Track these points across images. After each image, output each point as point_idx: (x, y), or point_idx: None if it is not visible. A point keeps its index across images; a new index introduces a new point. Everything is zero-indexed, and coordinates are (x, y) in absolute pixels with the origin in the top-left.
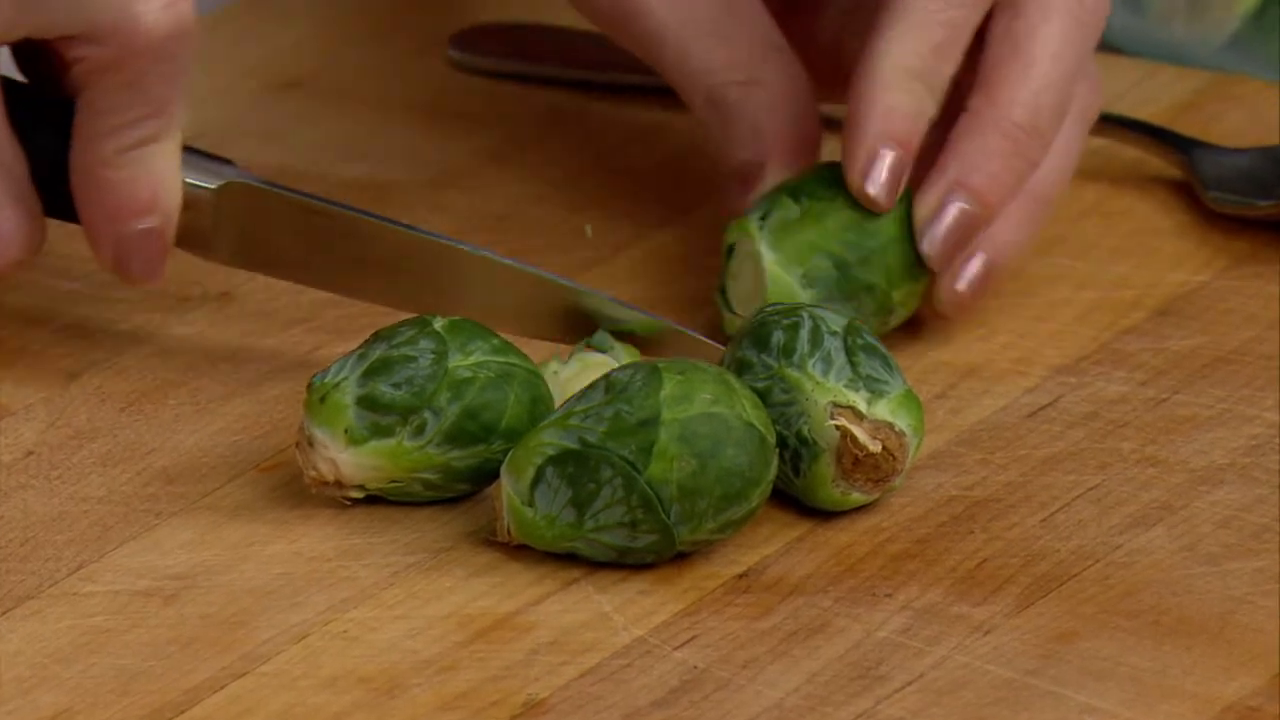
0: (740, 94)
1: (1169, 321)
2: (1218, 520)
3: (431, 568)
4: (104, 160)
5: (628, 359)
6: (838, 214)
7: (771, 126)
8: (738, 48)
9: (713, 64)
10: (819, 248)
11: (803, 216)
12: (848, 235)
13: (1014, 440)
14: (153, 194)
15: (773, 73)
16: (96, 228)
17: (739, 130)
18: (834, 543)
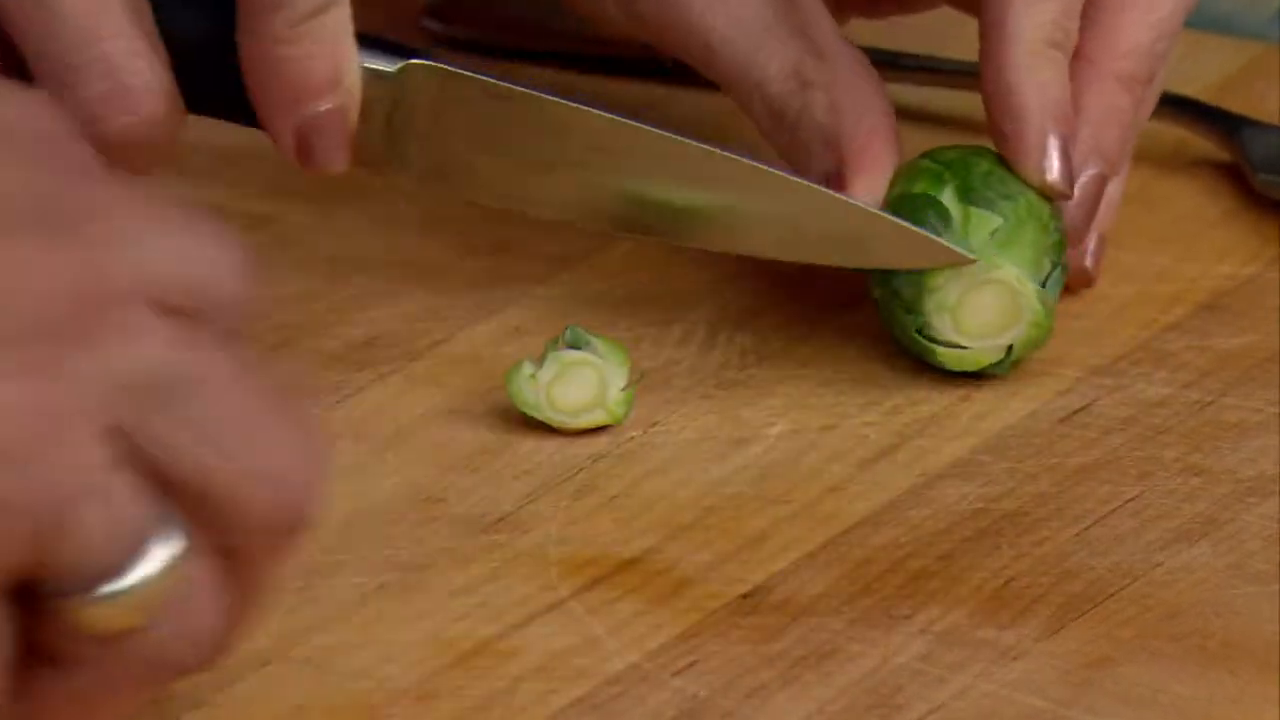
0: (801, 102)
1: (1215, 318)
2: (1268, 536)
3: (406, 587)
4: (275, 36)
5: (609, 355)
6: (1034, 208)
7: (841, 130)
8: (791, 50)
9: (767, 72)
10: (1042, 248)
11: (1015, 222)
12: (1054, 223)
13: (1045, 448)
14: (332, 69)
15: (831, 71)
16: (275, 114)
17: (808, 141)
18: (848, 559)
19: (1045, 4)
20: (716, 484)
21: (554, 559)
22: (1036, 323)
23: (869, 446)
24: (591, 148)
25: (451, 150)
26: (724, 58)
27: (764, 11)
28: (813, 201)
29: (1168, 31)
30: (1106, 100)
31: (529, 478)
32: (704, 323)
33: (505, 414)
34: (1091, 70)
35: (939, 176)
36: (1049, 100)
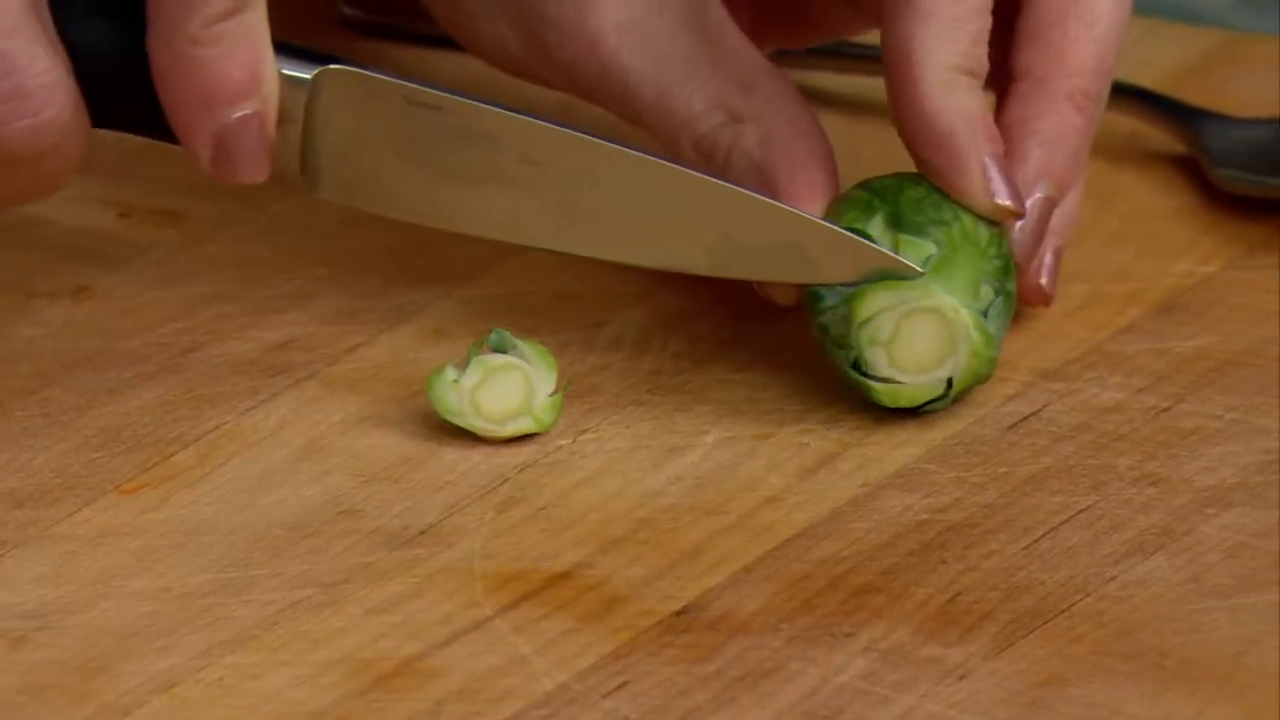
0: (730, 137)
1: (1171, 319)
2: (1227, 547)
3: (322, 604)
4: (188, 37)
5: (536, 359)
6: (975, 230)
7: (774, 162)
8: (716, 84)
9: (692, 109)
10: (981, 273)
11: (950, 248)
12: (994, 249)
13: (993, 456)
14: (249, 72)
15: (760, 102)
16: (189, 122)
17: (740, 176)
18: (787, 573)
19: (953, 32)
20: (649, 495)
21: (478, 574)
22: (975, 352)
23: (808, 455)
24: (525, 159)
25: (371, 163)
26: (645, 97)
27: (683, 45)
28: (753, 210)
29: (1111, 45)
30: (1058, 120)
31: (452, 488)
32: (634, 325)
33: (427, 421)
34: (1042, 90)
35: (868, 205)
36: (976, 123)
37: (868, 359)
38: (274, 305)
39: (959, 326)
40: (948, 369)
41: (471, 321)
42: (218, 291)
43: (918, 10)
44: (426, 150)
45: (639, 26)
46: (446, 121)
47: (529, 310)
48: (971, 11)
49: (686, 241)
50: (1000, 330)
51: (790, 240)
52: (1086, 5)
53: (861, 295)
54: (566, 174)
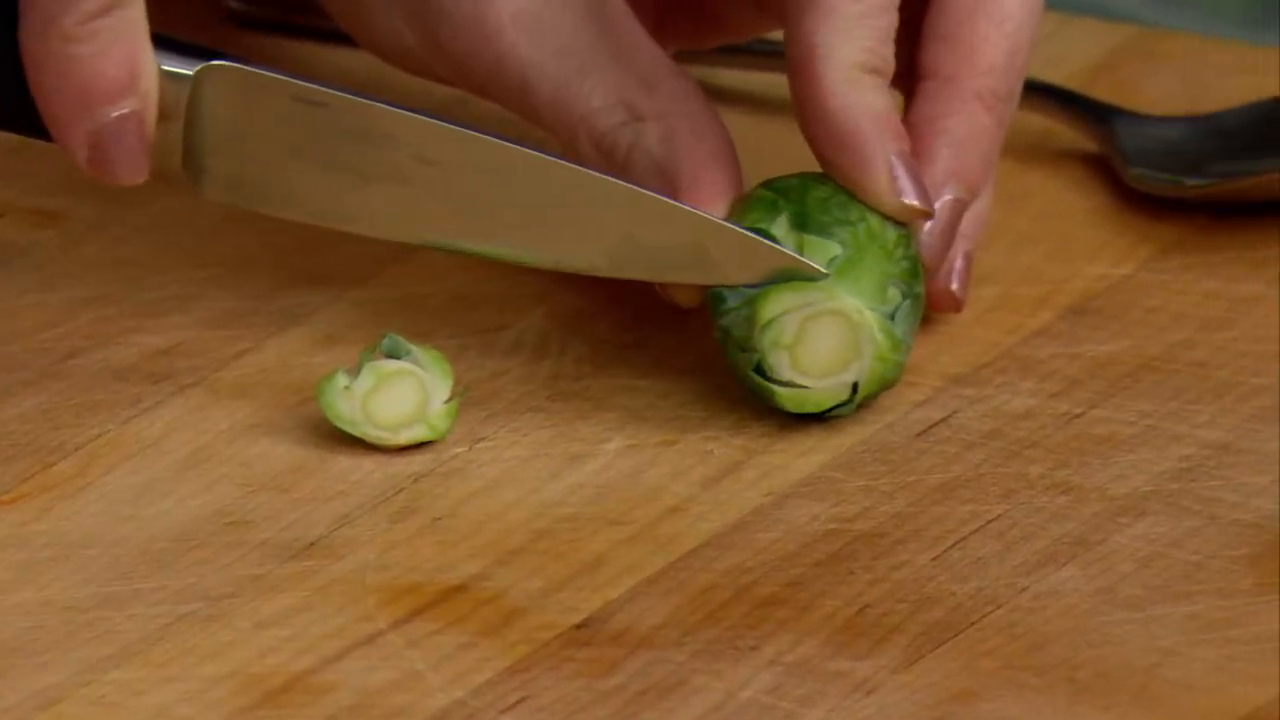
0: (632, 135)
1: (1084, 322)
2: (1141, 557)
3: (209, 618)
4: (63, 34)
5: (431, 365)
6: (882, 231)
7: (676, 160)
8: (616, 80)
9: (592, 105)
10: (889, 275)
11: (856, 249)
12: (900, 251)
13: (902, 464)
14: (127, 69)
15: (662, 100)
16: (65, 121)
17: (641, 175)
18: (690, 585)
19: (857, 29)
20: (548, 504)
21: (371, 587)
22: (881, 356)
23: (713, 463)
24: (418, 158)
25: (256, 161)
26: (542, 92)
27: (583, 39)
28: (653, 211)
29: (1023, 43)
30: (969, 120)
31: (344, 498)
32: (534, 329)
33: (318, 429)
34: (951, 89)
35: (773, 205)
36: (881, 121)
37: (770, 362)
38: (157, 308)
39: (864, 329)
40: (853, 373)
41: (364, 325)
42: (98, 294)
43: (821, 7)
44: (315, 148)
45: (537, 19)
46: (336, 119)
47: (424, 313)
48: (877, 8)
49: (586, 242)
50: (908, 334)
51: (691, 241)
52: (996, 3)
53: (764, 297)
54: (463, 173)
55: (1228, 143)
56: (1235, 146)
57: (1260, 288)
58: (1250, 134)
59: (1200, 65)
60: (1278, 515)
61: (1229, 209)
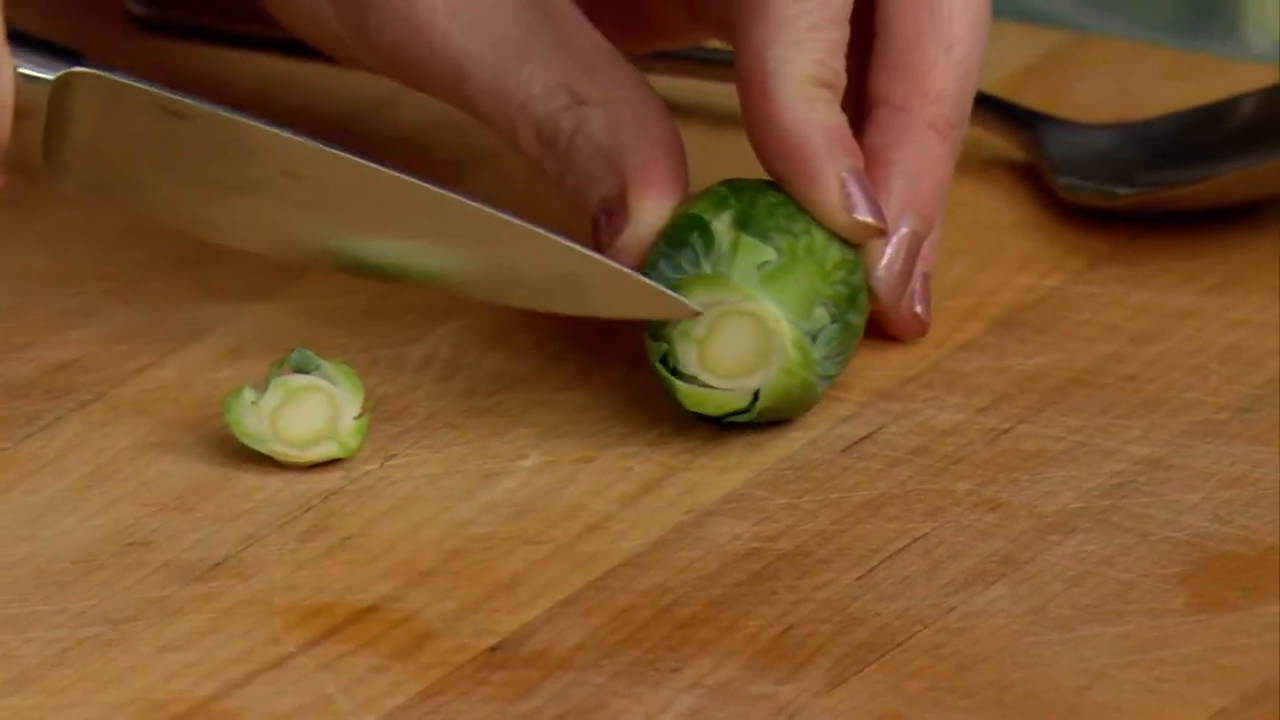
0: (574, 120)
1: (1012, 335)
2: (1071, 577)
3: (110, 642)
4: None
5: (341, 379)
6: (824, 249)
7: (622, 147)
8: (559, 65)
9: (532, 91)
10: (819, 294)
11: (790, 259)
12: (839, 274)
13: (826, 481)
14: None
15: (607, 86)
16: None
17: (585, 163)
18: (609, 606)
19: (809, 43)
20: (462, 523)
21: (279, 608)
22: (788, 369)
23: (632, 480)
24: (285, 174)
25: (118, 166)
26: (479, 81)
27: (520, 26)
28: (524, 242)
29: (972, 68)
30: (921, 150)
31: (250, 518)
32: (447, 342)
33: (223, 447)
34: (904, 119)
35: (722, 200)
36: (834, 136)
37: (678, 354)
38: (54, 323)
39: (776, 338)
40: (757, 380)
41: (270, 339)
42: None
43: (771, 20)
44: (178, 157)
45: (472, 6)
46: (200, 132)
47: (333, 326)
48: (827, 21)
49: (458, 267)
50: (832, 362)
51: (567, 272)
52: (944, 28)
53: (683, 285)
54: (331, 191)
55: (1158, 151)
56: (1166, 155)
57: (1192, 300)
58: (1181, 142)
59: (1131, 71)
60: (1210, 533)
61: (1160, 219)
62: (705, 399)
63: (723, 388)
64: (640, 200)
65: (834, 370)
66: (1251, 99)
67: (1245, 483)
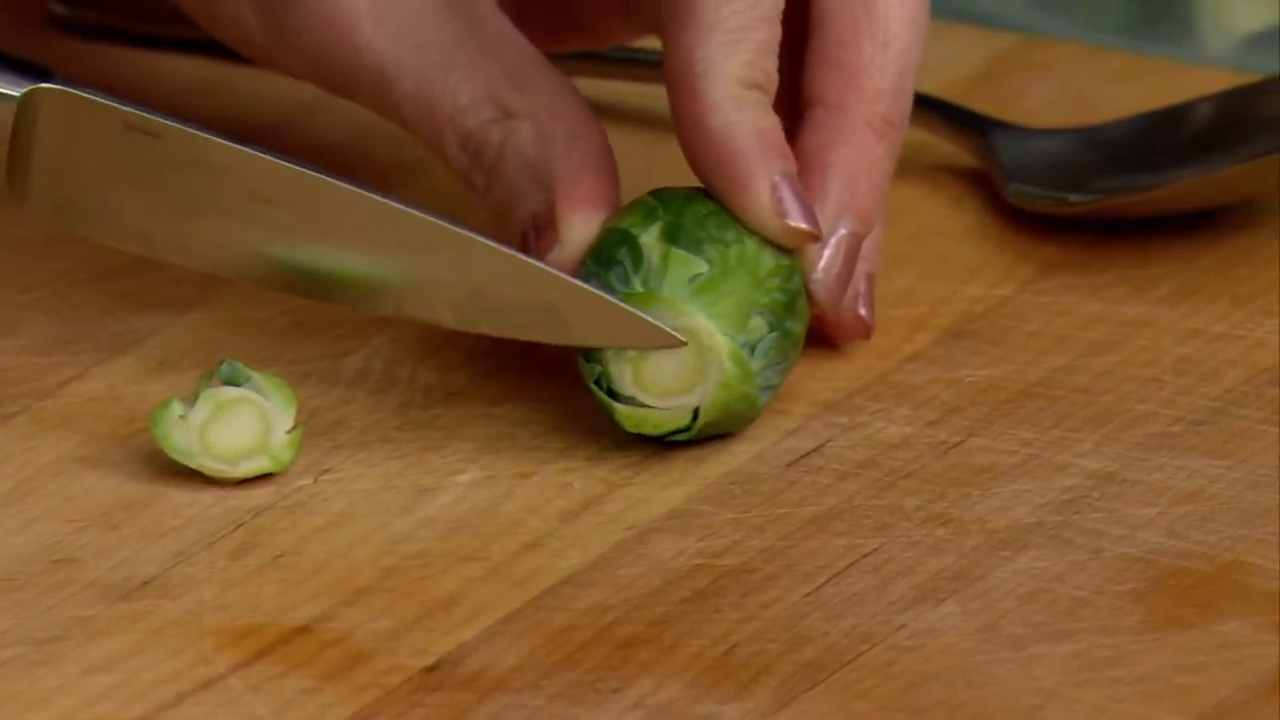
0: (502, 133)
1: (963, 346)
2: (1022, 594)
3: (35, 663)
4: None
5: (272, 392)
6: (757, 258)
7: (551, 161)
8: (485, 75)
9: (459, 102)
10: (754, 304)
11: (722, 270)
12: (774, 281)
13: (772, 495)
14: None
15: (534, 96)
16: None
17: (512, 177)
18: (548, 625)
19: (739, 44)
20: (398, 540)
21: (209, 628)
22: (726, 384)
23: (572, 496)
24: (252, 195)
25: (84, 187)
26: (404, 89)
27: (446, 33)
28: (502, 267)
29: (910, 65)
30: (858, 150)
31: (179, 535)
32: (381, 354)
33: (151, 461)
34: (840, 118)
35: (650, 213)
36: (765, 140)
37: (613, 374)
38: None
39: (712, 353)
40: (695, 397)
41: (199, 351)
42: None
43: (700, 21)
44: (144, 177)
45: (396, 10)
46: (168, 150)
47: (264, 338)
48: (758, 20)
49: (430, 294)
50: (772, 371)
51: (543, 301)
52: (880, 24)
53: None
54: (299, 212)
55: (1112, 156)
56: (1120, 160)
57: (1146, 309)
58: (1135, 147)
59: (1083, 75)
60: (1165, 549)
61: (1114, 226)
62: (644, 419)
63: (661, 407)
64: (569, 216)
65: (775, 380)
66: (1208, 103)
67: (1201, 497)
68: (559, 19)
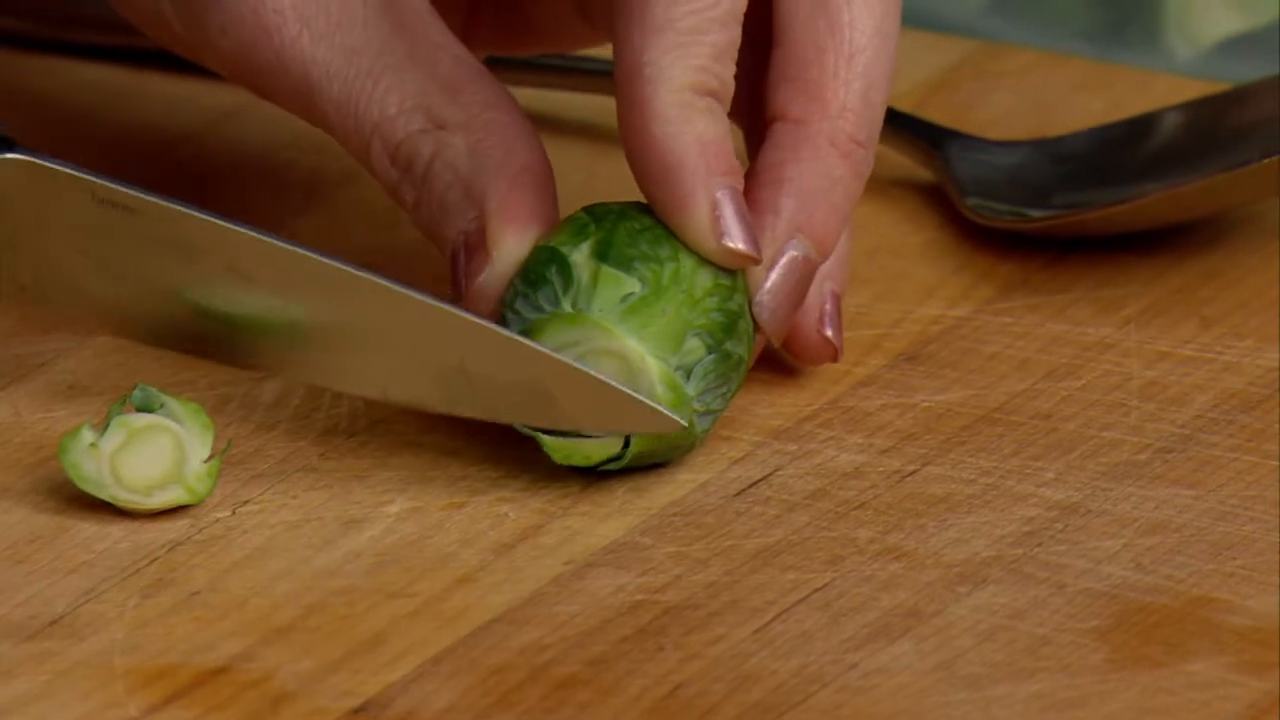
0: (433, 145)
1: (918, 370)
2: (981, 631)
3: None
4: None
5: (188, 419)
6: (693, 277)
7: (484, 176)
8: (416, 84)
9: (387, 111)
10: (689, 325)
11: (655, 290)
12: (712, 301)
13: (717, 527)
14: None
15: (468, 108)
16: None
17: (443, 193)
18: (481, 665)
19: (691, 47)
20: (321, 576)
21: (120, 670)
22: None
23: (506, 528)
24: (231, 271)
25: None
26: (330, 96)
27: (375, 37)
28: (486, 344)
29: (879, 78)
30: (817, 168)
31: (89, 570)
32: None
33: (58, 492)
34: (800, 133)
35: (583, 229)
36: (709, 153)
37: None
38: None
39: (643, 377)
40: None
41: (111, 374)
42: None
43: (650, 21)
44: (117, 254)
45: (324, 12)
46: (140, 225)
47: (179, 361)
48: (712, 22)
49: (415, 373)
50: (712, 396)
51: (532, 380)
52: (843, 36)
53: (539, 328)
54: (279, 289)
55: (1074, 170)
56: (1082, 174)
57: (1111, 331)
58: (1099, 160)
59: (1044, 84)
60: (1131, 583)
61: (1077, 244)
62: (573, 450)
63: (591, 436)
64: (501, 236)
65: (717, 405)
66: (1175, 113)
67: (1169, 529)
68: (512, 22)
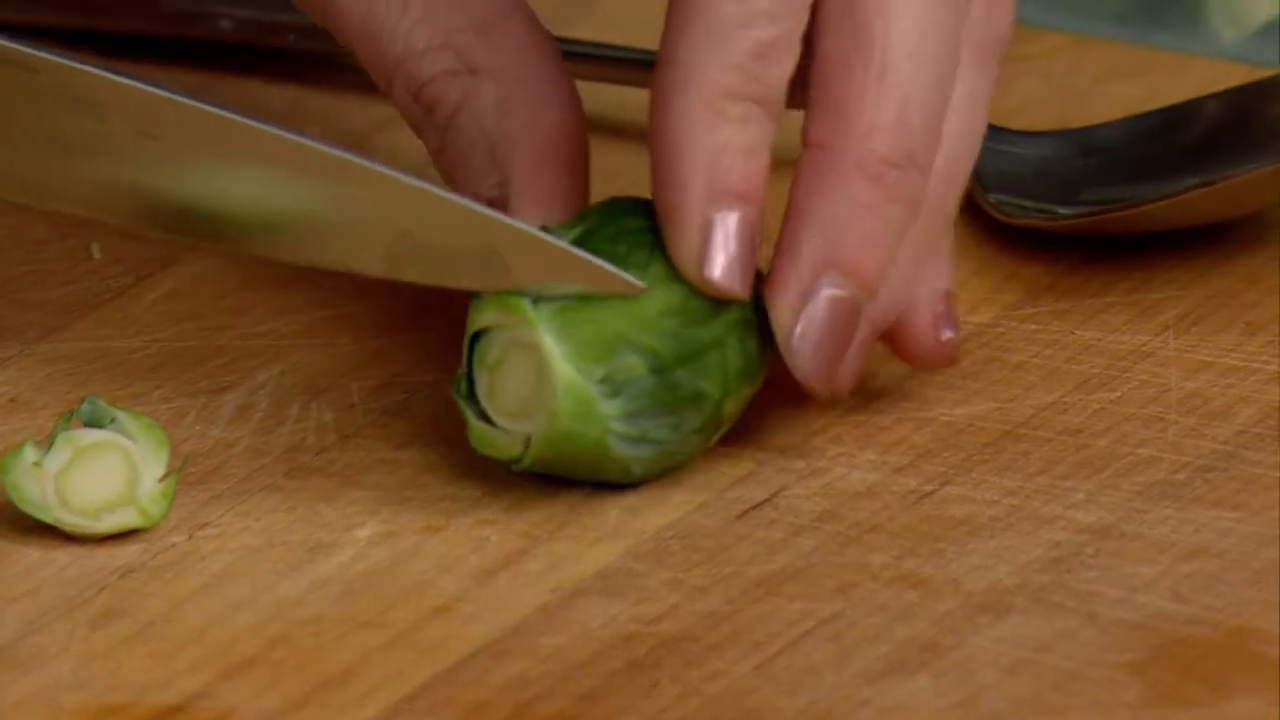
0: (460, 92)
1: (936, 382)
2: (1004, 665)
3: None
4: None
5: (141, 435)
6: (657, 288)
7: (511, 140)
8: (446, 19)
9: (413, 45)
10: (626, 339)
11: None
12: (669, 322)
13: (718, 552)
14: None
15: (502, 53)
16: None
17: (466, 149)
18: (460, 701)
19: (729, 41)
20: (286, 605)
21: (67, 708)
22: (557, 417)
23: (487, 553)
24: (141, 132)
25: None
26: (354, 18)
27: None
28: (427, 206)
29: (917, 96)
30: (844, 198)
31: (32, 600)
32: (268, 389)
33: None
34: (825, 160)
35: (582, 217)
36: (721, 167)
37: (475, 379)
38: None
39: (549, 379)
40: (529, 424)
41: (56, 386)
42: None
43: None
44: (22, 115)
45: None
46: (47, 86)
47: (131, 372)
48: (758, 14)
49: (353, 239)
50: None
51: (481, 243)
52: (872, 49)
53: (480, 303)
54: (194, 152)
55: (1106, 163)
56: (1115, 167)
57: (1147, 339)
58: (1133, 152)
59: (1073, 68)
60: (1168, 614)
61: (1109, 243)
62: (490, 439)
63: (505, 427)
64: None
65: (660, 435)
66: (1216, 102)
67: (1209, 554)
68: None
